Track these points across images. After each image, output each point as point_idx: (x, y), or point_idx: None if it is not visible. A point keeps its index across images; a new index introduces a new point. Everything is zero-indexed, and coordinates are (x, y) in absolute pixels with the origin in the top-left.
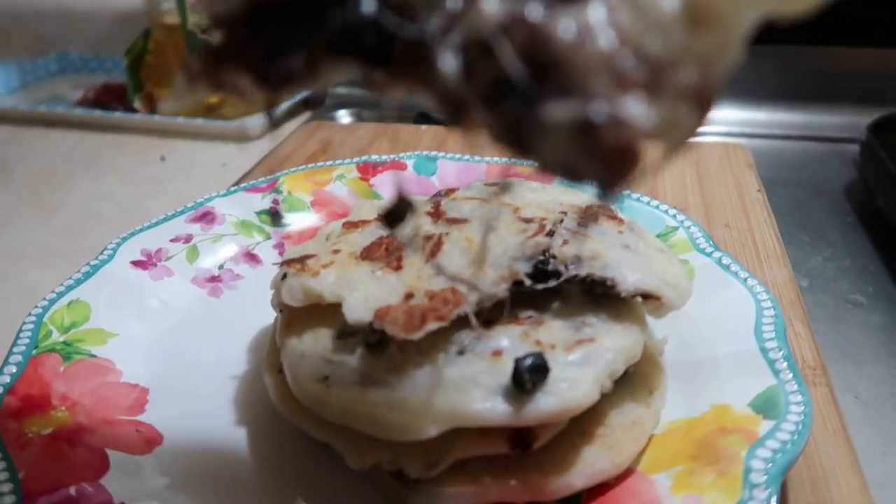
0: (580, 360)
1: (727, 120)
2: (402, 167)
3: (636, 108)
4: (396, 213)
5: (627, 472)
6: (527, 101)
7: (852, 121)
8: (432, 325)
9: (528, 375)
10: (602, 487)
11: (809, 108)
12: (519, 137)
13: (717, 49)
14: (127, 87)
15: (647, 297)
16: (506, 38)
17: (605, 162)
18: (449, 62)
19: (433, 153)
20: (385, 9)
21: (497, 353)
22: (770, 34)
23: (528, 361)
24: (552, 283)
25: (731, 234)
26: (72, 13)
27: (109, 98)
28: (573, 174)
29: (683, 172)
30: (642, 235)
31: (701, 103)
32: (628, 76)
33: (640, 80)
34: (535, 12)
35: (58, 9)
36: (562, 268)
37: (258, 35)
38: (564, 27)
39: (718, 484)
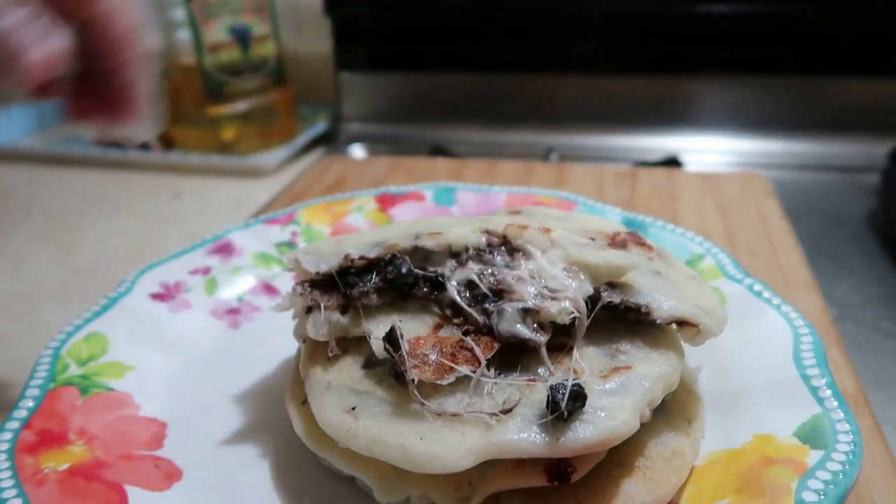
0: (617, 388)
1: (744, 151)
2: (421, 198)
3: (548, 305)
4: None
5: None
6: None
7: (870, 150)
8: (463, 370)
9: (566, 403)
10: None
11: (826, 139)
12: (487, 322)
13: (581, 286)
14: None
15: (682, 324)
16: (480, 279)
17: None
18: (452, 288)
19: (451, 184)
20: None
21: (532, 381)
22: (784, 65)
23: (565, 389)
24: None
25: (757, 262)
26: None
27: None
28: (516, 338)
29: (703, 202)
30: (672, 263)
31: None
32: (542, 294)
33: (547, 295)
34: (495, 268)
35: None
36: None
37: (342, 278)
38: (510, 275)
39: None
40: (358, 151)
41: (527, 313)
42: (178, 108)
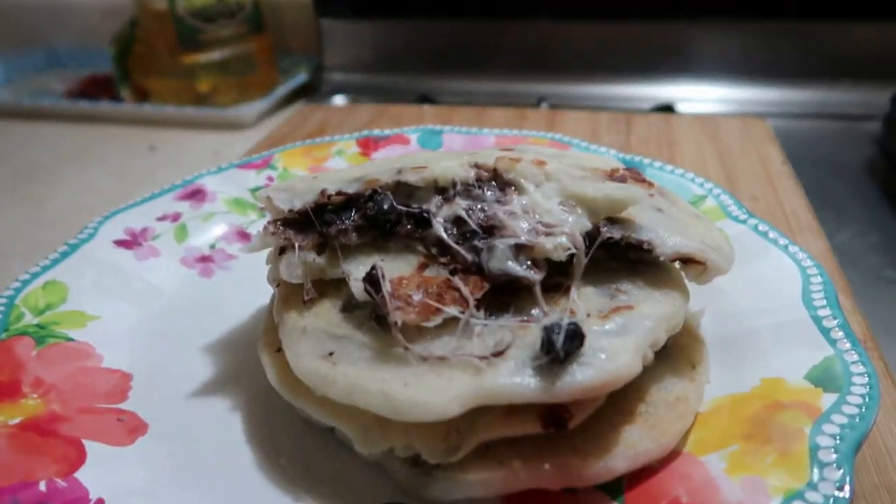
0: (618, 328)
1: (741, 99)
2: (406, 141)
3: (542, 241)
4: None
5: (673, 454)
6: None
7: (870, 98)
8: (451, 311)
9: (561, 344)
10: (645, 471)
11: (826, 86)
12: (477, 260)
13: (578, 220)
14: (114, 77)
15: (686, 261)
16: (468, 214)
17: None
18: (438, 224)
19: (438, 127)
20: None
21: (525, 322)
22: (785, 9)
23: (561, 329)
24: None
25: (760, 207)
26: (58, 6)
27: (96, 89)
28: (507, 276)
29: (701, 147)
30: (674, 200)
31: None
32: (535, 230)
33: (542, 231)
34: (484, 204)
35: (44, 2)
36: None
37: (318, 217)
38: (501, 210)
39: (781, 464)
40: (341, 102)
41: (519, 250)
42: (150, 58)
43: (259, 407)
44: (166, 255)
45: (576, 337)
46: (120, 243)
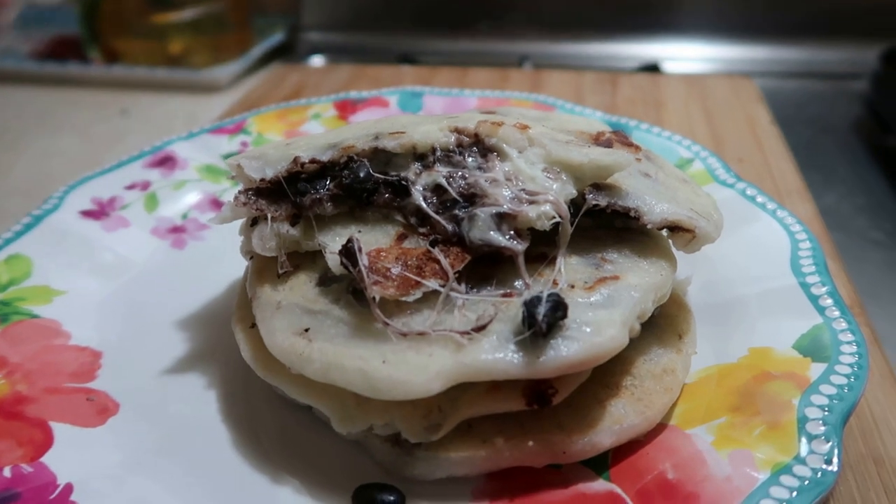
0: (604, 300)
1: (727, 58)
2: (385, 104)
3: (526, 209)
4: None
5: (659, 428)
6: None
7: (857, 56)
8: (431, 284)
9: (543, 317)
10: (632, 445)
11: (814, 44)
12: (458, 231)
13: (563, 188)
14: (82, 37)
15: (675, 229)
16: (449, 182)
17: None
18: (417, 193)
19: (419, 88)
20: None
21: (508, 295)
22: None
23: (543, 301)
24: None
25: (747, 169)
26: None
27: (63, 50)
28: (490, 246)
29: (688, 107)
30: (661, 164)
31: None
32: (518, 198)
33: (525, 199)
34: (465, 171)
35: None
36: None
37: (292, 186)
38: (483, 177)
39: (769, 436)
40: (318, 63)
41: (502, 219)
42: (120, 17)
43: (235, 384)
44: (136, 226)
45: (558, 309)
46: (87, 214)
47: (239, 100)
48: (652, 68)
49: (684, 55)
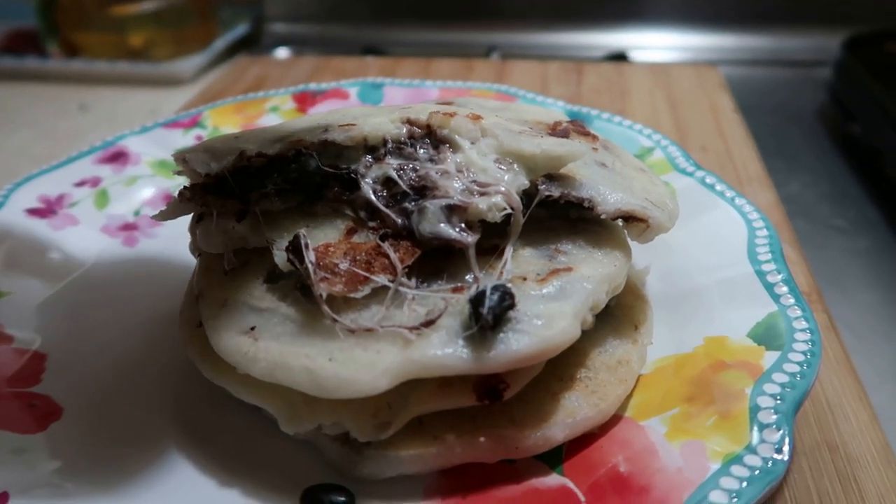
0: (556, 292)
1: (693, 46)
2: (345, 96)
3: (476, 201)
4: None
5: (614, 420)
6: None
7: (821, 43)
8: (380, 279)
9: (489, 310)
10: (586, 438)
11: (778, 31)
12: (407, 224)
13: (515, 179)
14: (39, 30)
15: (629, 219)
16: (399, 175)
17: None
18: (367, 186)
19: (379, 80)
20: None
21: (457, 289)
22: None
23: (487, 295)
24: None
25: (709, 158)
26: None
27: (20, 44)
28: (439, 239)
29: (653, 96)
30: (619, 154)
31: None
32: (469, 190)
33: (476, 190)
34: (417, 163)
35: None
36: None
37: (238, 181)
38: (434, 169)
39: (721, 427)
40: (283, 55)
41: (452, 211)
42: (78, 10)
43: (183, 385)
44: (85, 224)
45: (504, 300)
46: (33, 212)
47: (197, 94)
48: (620, 57)
49: (652, 43)
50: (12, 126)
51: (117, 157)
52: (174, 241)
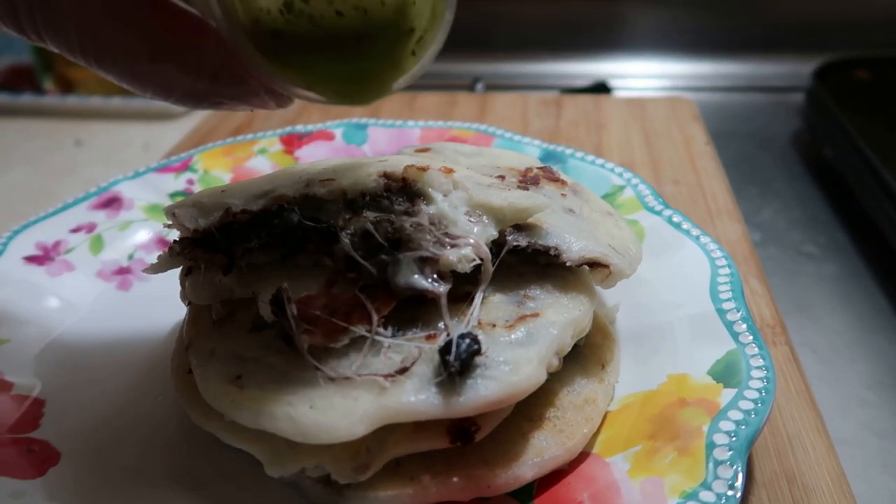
0: (523, 338)
1: (672, 74)
2: (330, 137)
3: (447, 253)
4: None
5: (582, 456)
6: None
7: (795, 70)
8: (358, 330)
9: (455, 358)
10: (556, 474)
11: (753, 58)
12: (384, 275)
13: (484, 230)
14: (35, 66)
15: (594, 265)
16: (376, 228)
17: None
18: (345, 240)
19: (363, 120)
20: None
21: (431, 337)
22: None
23: (454, 343)
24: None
25: (681, 191)
26: None
27: (16, 80)
28: (414, 290)
29: (629, 128)
30: (587, 198)
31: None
32: (441, 242)
33: (447, 242)
34: (392, 216)
35: None
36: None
37: (224, 235)
38: (408, 222)
39: (679, 464)
40: None
41: (425, 262)
42: None
43: (176, 429)
44: (81, 269)
45: (471, 347)
46: (30, 259)
47: (191, 129)
48: (601, 86)
49: (632, 72)
50: (9, 163)
51: (111, 203)
52: (167, 283)
